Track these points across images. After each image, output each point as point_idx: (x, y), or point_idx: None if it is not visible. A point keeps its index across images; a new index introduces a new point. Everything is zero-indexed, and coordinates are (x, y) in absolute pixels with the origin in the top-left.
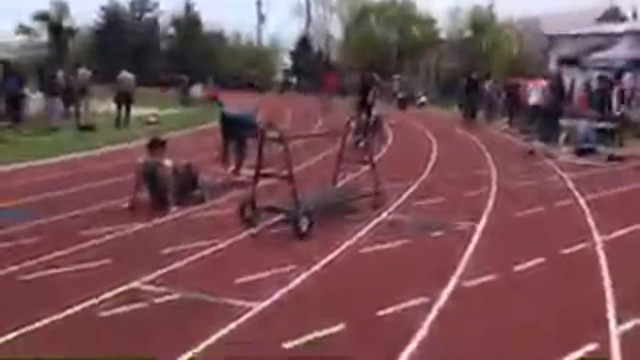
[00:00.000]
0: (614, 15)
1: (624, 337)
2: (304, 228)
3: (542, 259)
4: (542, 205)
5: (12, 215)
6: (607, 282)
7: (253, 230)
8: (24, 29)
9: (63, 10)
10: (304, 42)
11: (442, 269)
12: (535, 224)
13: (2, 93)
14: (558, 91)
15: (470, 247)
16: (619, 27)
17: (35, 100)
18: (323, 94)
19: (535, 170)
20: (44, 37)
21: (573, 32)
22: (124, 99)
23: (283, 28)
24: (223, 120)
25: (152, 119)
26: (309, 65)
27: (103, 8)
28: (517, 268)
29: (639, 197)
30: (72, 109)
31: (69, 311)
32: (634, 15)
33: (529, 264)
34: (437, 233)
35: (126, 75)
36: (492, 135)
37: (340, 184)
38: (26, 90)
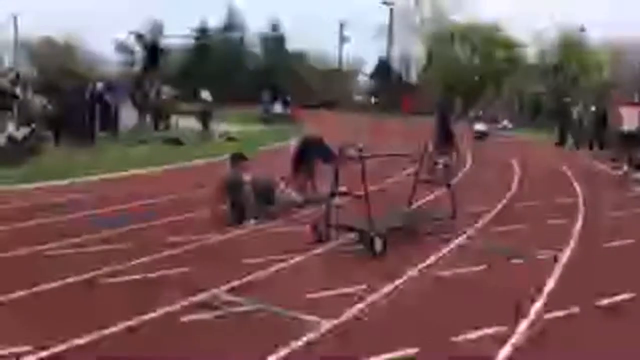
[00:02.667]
0: None
1: None
2: (378, 248)
3: (632, 294)
4: (633, 238)
5: (109, 223)
6: None
7: (326, 248)
8: (122, 47)
9: (158, 30)
10: (384, 64)
11: (520, 298)
12: (625, 256)
13: (102, 106)
14: None
15: (553, 277)
16: None
17: (128, 115)
18: (402, 116)
19: (624, 200)
20: (139, 55)
21: None
22: (204, 116)
23: (365, 48)
24: (301, 144)
25: (235, 135)
26: (389, 86)
27: (195, 30)
28: (602, 302)
29: None
30: (161, 125)
31: (152, 315)
32: None
33: (616, 298)
34: (517, 261)
35: (205, 94)
36: (580, 162)
37: (415, 205)
38: (121, 106)
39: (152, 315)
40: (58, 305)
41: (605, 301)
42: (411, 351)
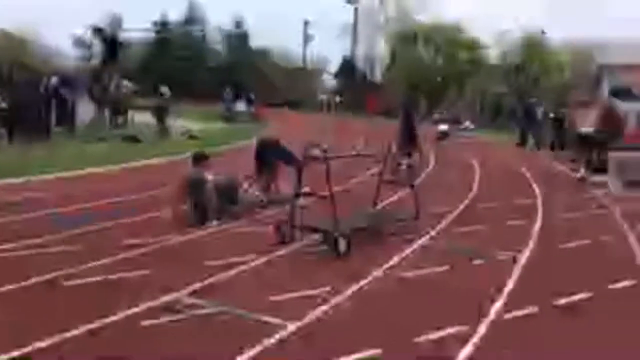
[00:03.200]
0: None
1: None
2: (342, 249)
3: (587, 293)
4: (589, 238)
5: (63, 222)
6: None
7: (290, 249)
8: (79, 41)
9: (117, 24)
10: (349, 63)
11: (481, 298)
12: (582, 256)
13: (57, 101)
14: (610, 121)
15: (512, 277)
16: None
17: (85, 110)
18: (367, 115)
19: (582, 201)
20: (97, 49)
21: (627, 62)
22: (160, 112)
23: (329, 47)
24: (259, 146)
25: (196, 133)
26: (354, 85)
27: (155, 23)
28: (560, 301)
29: None
30: (119, 120)
31: (113, 318)
32: None
33: (574, 297)
34: (478, 261)
35: (164, 89)
36: (540, 163)
37: (379, 206)
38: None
39: (114, 318)
40: (18, 308)
41: (563, 301)
42: (374, 352)
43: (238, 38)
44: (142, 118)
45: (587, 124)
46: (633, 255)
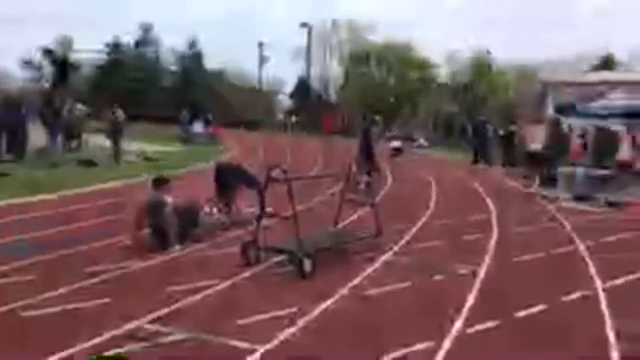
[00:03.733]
0: (608, 62)
1: None
2: (307, 269)
3: (543, 305)
4: (542, 251)
5: (16, 250)
6: (609, 330)
7: (255, 271)
8: (28, 64)
9: (68, 45)
10: (303, 83)
11: (444, 314)
12: (536, 269)
13: (4, 126)
14: (556, 137)
15: (472, 292)
16: (615, 76)
17: (36, 134)
18: (324, 135)
19: (534, 216)
20: (47, 71)
21: (569, 79)
22: (115, 134)
23: (285, 69)
24: (217, 170)
25: (153, 155)
26: (309, 105)
27: (107, 45)
28: (520, 314)
29: (638, 244)
30: (73, 144)
31: (72, 350)
32: (629, 64)
33: (532, 310)
34: (439, 276)
35: (117, 111)
36: (492, 180)
37: (341, 225)
38: (29, 124)
39: (76, 349)
40: None
41: (521, 314)
42: None
43: (192, 59)
44: (96, 141)
45: (535, 140)
46: (584, 267)
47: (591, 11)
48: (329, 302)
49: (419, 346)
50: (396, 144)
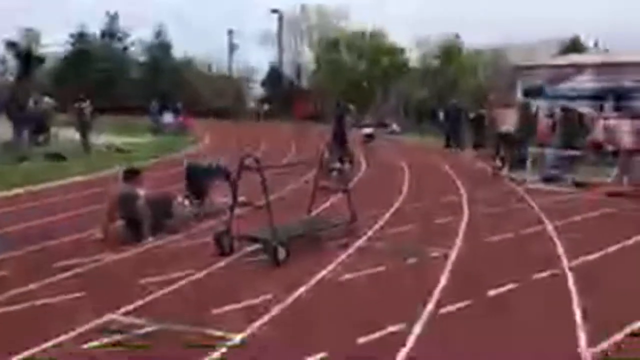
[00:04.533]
0: (576, 45)
1: None
2: (281, 257)
3: (514, 284)
4: (512, 232)
5: None
6: (576, 307)
7: (229, 260)
8: None
9: (32, 38)
10: (275, 71)
11: (418, 296)
12: (506, 250)
13: None
14: (526, 120)
15: (444, 274)
16: (582, 58)
17: (2, 128)
18: (296, 122)
19: (504, 197)
20: (11, 64)
21: (537, 62)
22: (83, 127)
23: (254, 56)
24: (188, 170)
25: (123, 147)
26: (281, 93)
27: (72, 35)
28: (491, 293)
29: (605, 223)
30: (40, 137)
31: (46, 344)
32: (595, 45)
33: (502, 289)
34: (412, 260)
35: (84, 103)
36: (462, 163)
37: (315, 212)
38: None
39: (49, 343)
40: None
41: (492, 292)
42: (321, 356)
43: (160, 48)
44: (66, 134)
45: (506, 123)
46: (552, 246)
47: None
48: (303, 289)
49: (392, 328)
50: (367, 130)
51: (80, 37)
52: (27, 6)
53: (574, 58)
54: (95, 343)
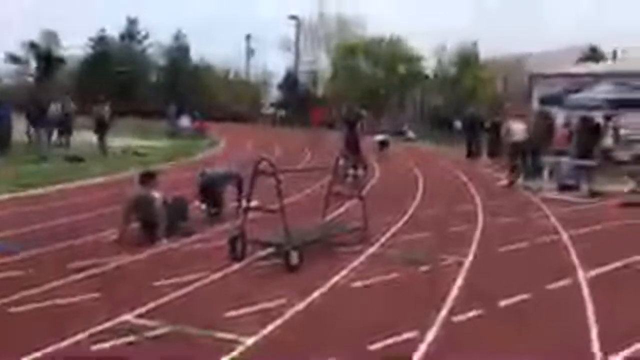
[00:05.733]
0: (594, 54)
1: None
2: (294, 261)
3: (528, 294)
4: (527, 241)
5: (3, 246)
6: (591, 318)
7: (243, 264)
8: (12, 58)
9: (52, 39)
10: (292, 76)
11: (430, 303)
12: (520, 259)
13: None
14: (542, 129)
15: (457, 282)
16: (599, 67)
17: (21, 129)
18: (311, 127)
19: (519, 206)
20: (32, 66)
21: (555, 71)
22: (101, 130)
23: (271, 62)
24: (202, 182)
25: (140, 150)
26: (297, 99)
27: (92, 39)
28: (503, 303)
29: (621, 234)
30: (62, 139)
31: (61, 344)
32: (614, 55)
33: (515, 299)
34: (425, 267)
35: (104, 106)
36: (477, 171)
37: (329, 217)
38: (13, 120)
39: (63, 344)
40: None
41: (505, 302)
42: None
43: (179, 52)
44: (84, 136)
45: (521, 132)
46: (568, 256)
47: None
48: (316, 294)
49: (404, 335)
50: (381, 137)
51: (100, 40)
52: (48, 9)
53: (592, 67)
54: (108, 344)
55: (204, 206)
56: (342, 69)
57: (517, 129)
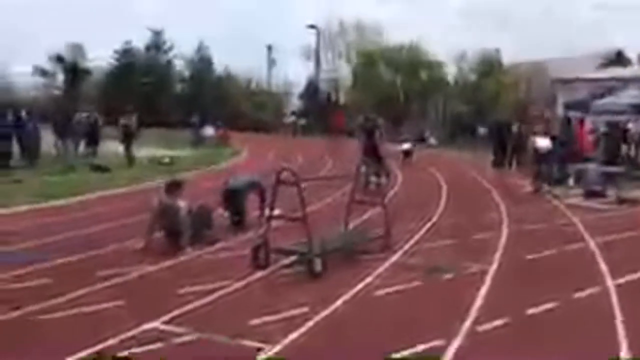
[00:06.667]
0: (618, 58)
1: None
2: (318, 269)
3: (554, 303)
4: (553, 248)
5: (29, 257)
6: (620, 327)
7: (266, 272)
8: (39, 71)
9: (78, 52)
10: (312, 85)
11: (455, 312)
12: (546, 267)
13: (16, 133)
14: (566, 135)
15: (482, 290)
16: (625, 72)
17: (49, 141)
18: (331, 136)
19: (545, 213)
20: (59, 78)
21: (579, 76)
22: (128, 140)
23: (293, 72)
24: (226, 191)
25: (165, 159)
26: (318, 107)
27: (117, 51)
28: (529, 312)
29: None
30: (91, 150)
31: (90, 350)
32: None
33: (541, 307)
34: (449, 275)
35: (129, 117)
36: (501, 178)
37: (351, 225)
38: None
39: (86, 352)
40: None
41: (532, 311)
42: None
43: (202, 63)
44: (110, 146)
45: (546, 138)
46: (595, 264)
47: (599, 7)
48: (338, 302)
49: (429, 344)
50: (406, 146)
51: (125, 52)
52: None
53: (616, 72)
54: (135, 350)
55: (227, 214)
56: (362, 77)
57: (542, 134)
